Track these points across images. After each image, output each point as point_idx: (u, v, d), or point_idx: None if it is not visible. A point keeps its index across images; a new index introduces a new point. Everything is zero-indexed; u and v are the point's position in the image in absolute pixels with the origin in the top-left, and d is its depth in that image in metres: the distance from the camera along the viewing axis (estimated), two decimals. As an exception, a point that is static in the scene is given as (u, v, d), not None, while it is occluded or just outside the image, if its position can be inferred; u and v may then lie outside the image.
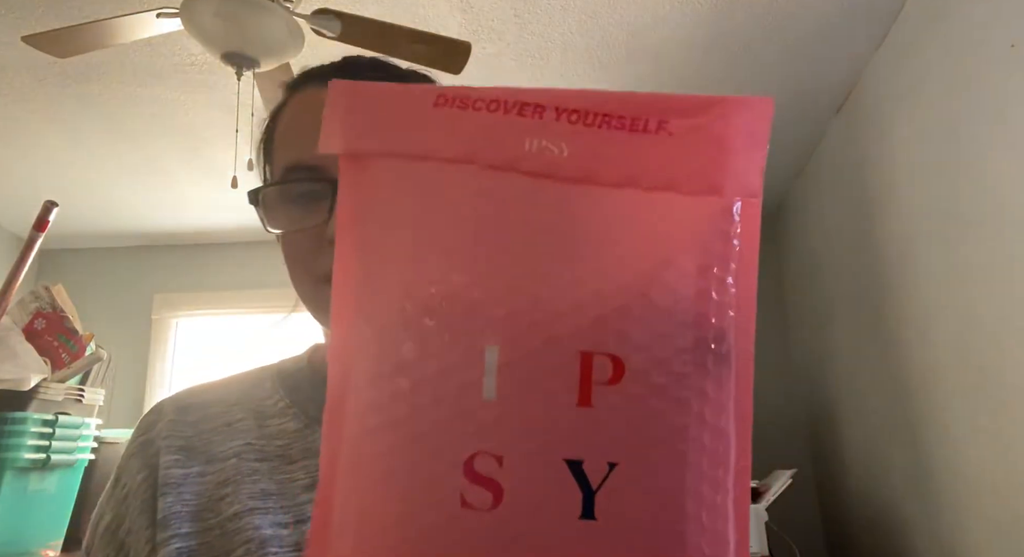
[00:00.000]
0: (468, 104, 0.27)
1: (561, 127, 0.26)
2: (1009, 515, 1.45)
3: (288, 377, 0.56)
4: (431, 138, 0.27)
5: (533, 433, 0.25)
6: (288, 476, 0.49)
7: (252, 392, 0.55)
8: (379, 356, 0.26)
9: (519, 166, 0.26)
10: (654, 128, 0.26)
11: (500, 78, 2.13)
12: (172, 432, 0.52)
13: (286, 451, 0.50)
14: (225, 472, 0.49)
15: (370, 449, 0.26)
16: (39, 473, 1.39)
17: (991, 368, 1.49)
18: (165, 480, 0.49)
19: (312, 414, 0.53)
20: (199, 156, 2.60)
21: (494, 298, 0.25)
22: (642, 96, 0.26)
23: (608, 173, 0.26)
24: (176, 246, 3.57)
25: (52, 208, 1.26)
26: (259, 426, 0.52)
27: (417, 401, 0.25)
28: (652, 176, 0.25)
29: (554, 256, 0.26)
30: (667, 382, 0.25)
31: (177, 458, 0.50)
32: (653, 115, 0.26)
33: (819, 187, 2.64)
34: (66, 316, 1.45)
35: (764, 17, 1.84)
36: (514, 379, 0.25)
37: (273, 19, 1.46)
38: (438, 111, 0.27)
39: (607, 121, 0.26)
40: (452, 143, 0.26)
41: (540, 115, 0.26)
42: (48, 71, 2.04)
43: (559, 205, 0.26)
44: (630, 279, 0.25)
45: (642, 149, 0.25)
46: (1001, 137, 1.40)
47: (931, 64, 1.69)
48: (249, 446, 0.51)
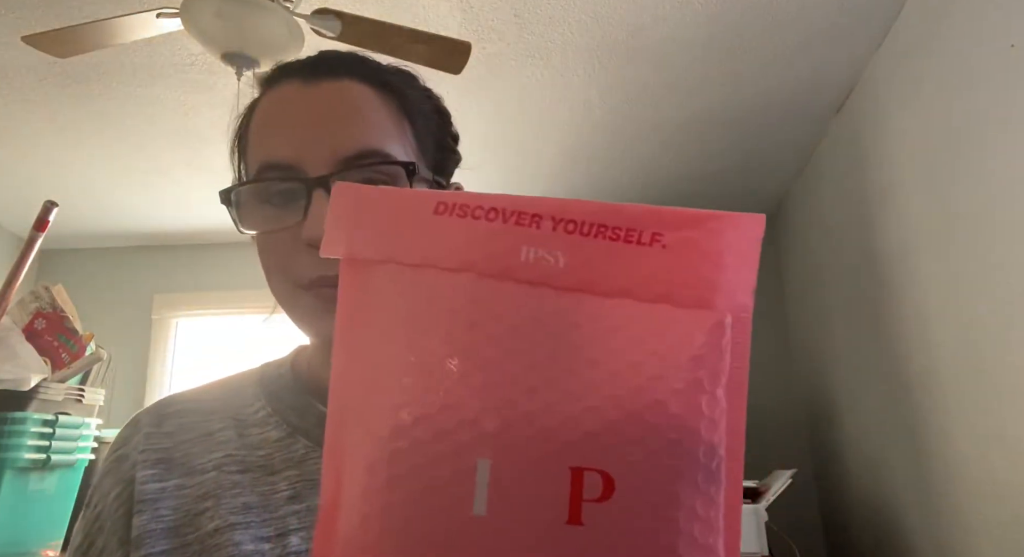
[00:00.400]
0: (467, 212, 0.27)
1: (558, 237, 0.27)
2: (1009, 515, 1.45)
3: (270, 383, 0.54)
4: (429, 246, 0.27)
5: (522, 552, 0.25)
6: (270, 487, 0.47)
7: (232, 400, 0.53)
8: (371, 468, 0.26)
9: (515, 275, 0.26)
10: (648, 240, 0.26)
11: (500, 78, 2.13)
12: (148, 445, 0.50)
13: (268, 461, 0.49)
14: (205, 485, 0.48)
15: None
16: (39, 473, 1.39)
17: (991, 368, 1.49)
18: (140, 496, 0.47)
19: (294, 423, 0.51)
20: (199, 156, 2.60)
21: (487, 410, 0.26)
22: (637, 208, 0.27)
23: (603, 284, 0.26)
24: (176, 246, 3.57)
25: (52, 208, 1.26)
26: (240, 436, 0.50)
27: (409, 513, 0.25)
28: (646, 288, 0.26)
29: (548, 367, 0.26)
30: (657, 500, 0.25)
31: (154, 472, 0.48)
32: (647, 227, 0.26)
33: (819, 187, 2.64)
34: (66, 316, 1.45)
35: (764, 17, 1.84)
36: (504, 495, 0.25)
37: (273, 19, 1.46)
38: (438, 219, 0.27)
39: (602, 232, 0.26)
40: (450, 252, 0.27)
41: (537, 224, 0.27)
42: (48, 71, 2.04)
43: (554, 314, 0.26)
44: (622, 394, 0.26)
45: (636, 261, 0.26)
46: (1001, 137, 1.40)
47: (931, 64, 1.69)
48: (230, 457, 0.49)
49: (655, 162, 2.76)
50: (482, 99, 2.26)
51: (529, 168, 2.81)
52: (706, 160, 2.74)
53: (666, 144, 2.61)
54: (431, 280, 0.27)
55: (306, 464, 0.49)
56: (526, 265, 0.26)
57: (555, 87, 2.20)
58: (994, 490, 1.51)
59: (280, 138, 0.47)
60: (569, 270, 0.26)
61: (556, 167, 2.80)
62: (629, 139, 2.57)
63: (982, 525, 1.58)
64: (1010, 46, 1.35)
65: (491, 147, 2.59)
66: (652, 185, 2.99)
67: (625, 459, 0.25)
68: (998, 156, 1.42)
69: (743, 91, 2.21)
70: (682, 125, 2.45)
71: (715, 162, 2.76)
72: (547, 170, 2.83)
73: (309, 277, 0.46)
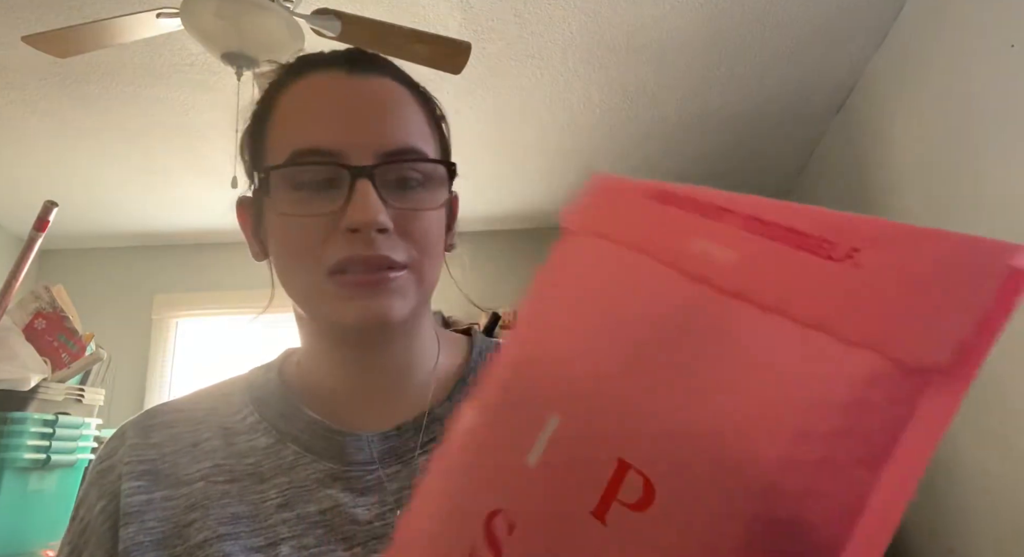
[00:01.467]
0: (670, 200, 0.26)
1: (739, 235, 0.23)
2: (1009, 515, 1.45)
3: (257, 390, 0.53)
4: (624, 224, 0.27)
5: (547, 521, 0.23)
6: (260, 496, 0.47)
7: (220, 408, 0.52)
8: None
9: (681, 265, 0.24)
10: (841, 255, 0.21)
11: (500, 78, 2.13)
12: (134, 457, 0.49)
13: (256, 469, 0.48)
14: (193, 496, 0.47)
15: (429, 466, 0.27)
16: (39, 473, 1.39)
17: (991, 369, 1.49)
18: (127, 509, 0.46)
19: (282, 429, 0.50)
20: (199, 156, 2.60)
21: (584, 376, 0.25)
22: (847, 217, 0.22)
23: (766, 294, 0.22)
24: (176, 246, 3.57)
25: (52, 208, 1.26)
26: (227, 445, 0.50)
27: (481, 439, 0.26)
28: (809, 308, 0.21)
29: (669, 366, 0.23)
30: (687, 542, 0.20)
31: (140, 484, 0.48)
32: (848, 240, 0.22)
33: (819, 187, 2.64)
34: (66, 316, 1.45)
35: (764, 17, 1.84)
36: (555, 459, 0.23)
37: (273, 19, 1.46)
38: (648, 203, 0.26)
39: (792, 238, 0.22)
40: (626, 229, 0.26)
41: (722, 217, 0.24)
42: (48, 71, 2.04)
43: (700, 314, 0.24)
44: (715, 410, 0.21)
45: (816, 275, 0.21)
46: (1001, 137, 1.40)
47: (931, 64, 1.68)
48: (217, 467, 0.48)
49: (655, 162, 2.76)
50: (482, 99, 2.26)
51: (528, 168, 2.81)
52: (706, 160, 2.74)
53: (666, 144, 2.61)
54: (608, 253, 0.27)
55: (296, 471, 0.48)
56: (693, 257, 0.24)
57: (555, 87, 2.20)
58: (994, 490, 1.51)
59: (322, 125, 0.47)
60: (735, 271, 0.23)
61: (556, 167, 2.80)
62: (629, 139, 2.57)
63: (983, 525, 1.58)
64: (1010, 46, 1.35)
65: (491, 147, 2.59)
66: (652, 185, 2.99)
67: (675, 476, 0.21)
68: (998, 156, 1.42)
69: (743, 91, 2.21)
70: (682, 125, 2.45)
71: (715, 162, 2.76)
72: (546, 170, 2.83)
73: (339, 258, 0.46)
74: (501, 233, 3.41)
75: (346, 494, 0.47)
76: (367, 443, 0.49)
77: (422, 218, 0.48)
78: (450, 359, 0.56)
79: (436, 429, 0.51)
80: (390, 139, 0.47)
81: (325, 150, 0.46)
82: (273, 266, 0.51)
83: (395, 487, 0.48)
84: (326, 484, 0.47)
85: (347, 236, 0.45)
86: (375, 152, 0.46)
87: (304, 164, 0.47)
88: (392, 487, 0.48)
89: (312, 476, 0.48)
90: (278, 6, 1.47)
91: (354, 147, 0.46)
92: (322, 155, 0.46)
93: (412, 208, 0.48)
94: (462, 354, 0.57)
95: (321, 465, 0.48)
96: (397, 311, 0.47)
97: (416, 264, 0.48)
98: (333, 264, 0.46)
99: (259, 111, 0.53)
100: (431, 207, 0.49)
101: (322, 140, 0.47)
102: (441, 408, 0.52)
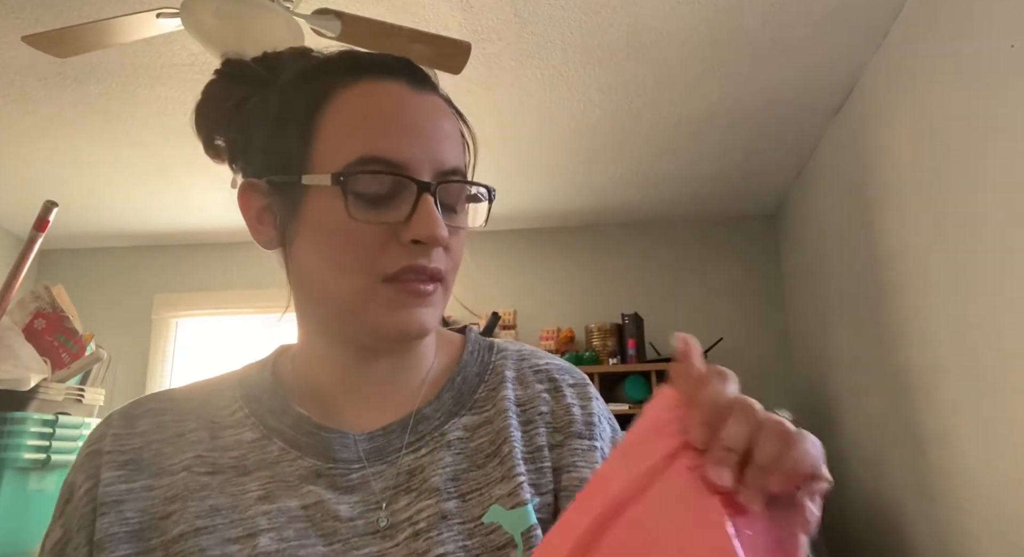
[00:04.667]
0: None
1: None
2: (1008, 515, 1.45)
3: (249, 385, 0.54)
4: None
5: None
6: (241, 488, 0.47)
7: (210, 401, 0.53)
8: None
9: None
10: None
11: (500, 78, 2.13)
12: (116, 446, 0.49)
13: (240, 462, 0.48)
14: (174, 487, 0.47)
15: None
16: (39, 473, 1.39)
17: (990, 368, 1.49)
18: (104, 498, 0.47)
19: (270, 424, 0.50)
20: (199, 156, 2.59)
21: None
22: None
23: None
24: (176, 246, 3.57)
25: (52, 208, 1.26)
26: (212, 437, 0.50)
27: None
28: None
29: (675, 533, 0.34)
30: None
31: (120, 473, 0.48)
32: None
33: (818, 187, 2.64)
34: (66, 316, 1.45)
35: (764, 17, 1.84)
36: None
37: (273, 19, 1.46)
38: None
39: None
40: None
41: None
42: (48, 71, 2.04)
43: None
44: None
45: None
46: (1000, 136, 1.40)
47: (931, 64, 1.69)
48: (200, 459, 0.48)
49: (655, 162, 2.76)
50: (482, 99, 2.26)
51: (528, 168, 2.81)
52: (706, 160, 2.74)
53: (666, 144, 2.61)
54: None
55: (279, 466, 0.48)
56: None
57: (555, 87, 2.20)
58: (994, 490, 1.51)
59: (391, 135, 0.48)
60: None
61: (556, 167, 2.80)
62: (629, 139, 2.56)
63: (982, 525, 1.58)
64: (1010, 46, 1.35)
65: (491, 147, 2.59)
66: (652, 185, 2.99)
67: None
68: (997, 156, 1.42)
69: (743, 91, 2.21)
70: (682, 125, 2.45)
71: (715, 162, 2.76)
72: (547, 169, 2.83)
73: (401, 266, 0.47)
74: (501, 233, 3.41)
75: (329, 491, 0.47)
76: (353, 441, 0.50)
77: (461, 236, 0.51)
78: (443, 359, 0.57)
79: (422, 429, 0.51)
80: (445, 158, 0.49)
81: (394, 161, 0.47)
82: (299, 263, 0.50)
83: (379, 486, 0.48)
84: (309, 480, 0.48)
85: (408, 246, 0.47)
86: (433, 169, 0.48)
87: (375, 173, 0.47)
88: (377, 486, 0.48)
89: (295, 472, 0.48)
90: (278, 6, 1.47)
91: (416, 162, 0.47)
92: (390, 166, 0.47)
93: (458, 226, 0.50)
94: (455, 354, 0.57)
95: (305, 461, 0.49)
96: (430, 325, 0.49)
97: (448, 279, 0.50)
98: (393, 272, 0.47)
99: (308, 99, 0.50)
100: (472, 227, 0.52)
101: (391, 151, 0.47)
102: (429, 408, 0.52)
